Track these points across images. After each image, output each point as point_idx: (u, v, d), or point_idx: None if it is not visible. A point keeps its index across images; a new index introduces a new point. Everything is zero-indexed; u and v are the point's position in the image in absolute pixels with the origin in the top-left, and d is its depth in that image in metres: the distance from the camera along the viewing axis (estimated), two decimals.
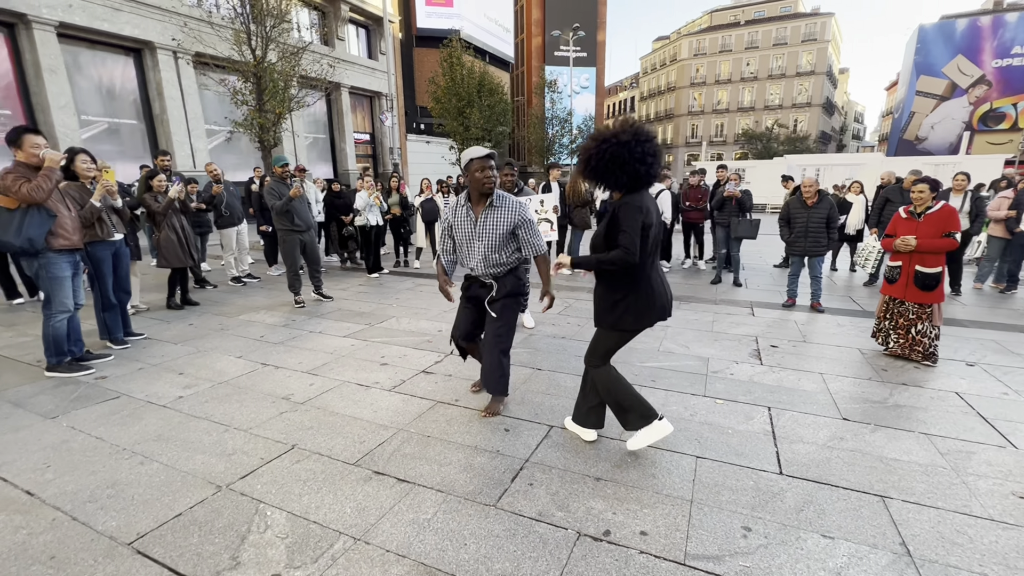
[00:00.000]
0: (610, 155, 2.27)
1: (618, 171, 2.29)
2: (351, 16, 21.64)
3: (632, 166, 2.27)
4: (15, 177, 3.25)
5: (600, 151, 2.29)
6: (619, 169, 2.28)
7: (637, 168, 2.28)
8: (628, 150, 2.25)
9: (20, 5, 11.91)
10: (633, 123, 2.33)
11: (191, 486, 2.32)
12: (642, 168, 2.29)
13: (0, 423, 2.92)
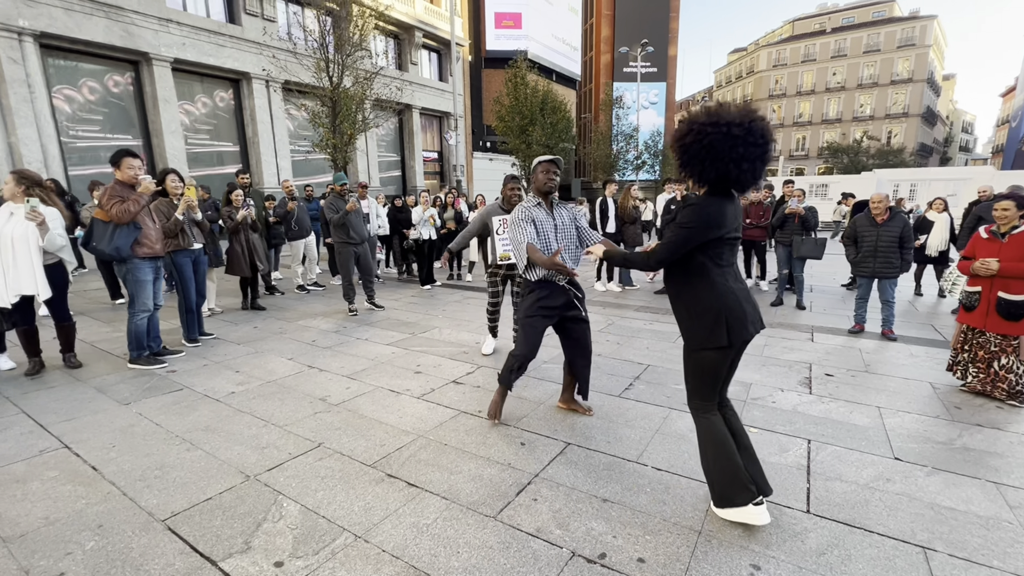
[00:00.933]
0: (709, 142, 1.90)
1: (707, 163, 1.93)
2: (424, 42, 22.86)
3: (725, 164, 1.91)
4: (110, 196, 3.77)
5: (702, 132, 1.92)
6: (710, 161, 1.92)
7: (729, 168, 1.91)
8: (731, 144, 1.88)
9: (144, 45, 13.74)
10: (755, 116, 1.92)
11: (224, 473, 2.53)
12: (734, 171, 1.91)
13: (83, 406, 3.35)
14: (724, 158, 1.90)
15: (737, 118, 1.89)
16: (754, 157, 1.91)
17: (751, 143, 1.89)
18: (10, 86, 11.73)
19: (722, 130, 1.89)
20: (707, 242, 2.02)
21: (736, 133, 1.87)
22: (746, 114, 1.92)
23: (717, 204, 2.00)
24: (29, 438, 2.88)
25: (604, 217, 7.60)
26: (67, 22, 12.42)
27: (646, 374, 4.04)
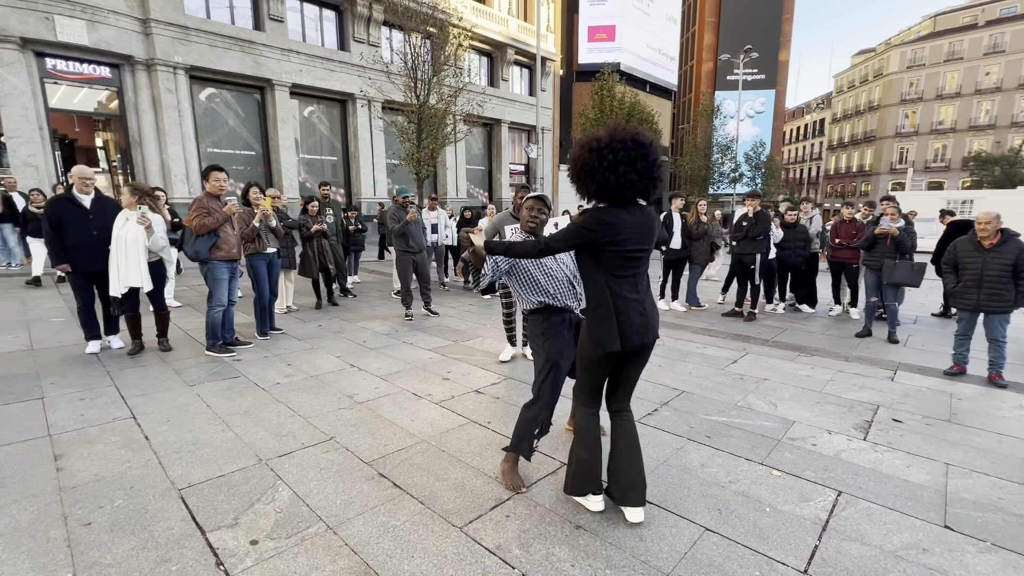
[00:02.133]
0: (582, 163, 2.08)
1: (588, 180, 2.09)
2: (516, 58, 23.53)
3: (602, 175, 2.03)
4: (196, 208, 4.40)
5: (575, 158, 2.14)
6: (589, 178, 2.08)
7: (606, 177, 2.03)
8: (598, 157, 2.03)
9: (269, 73, 15.70)
10: (617, 128, 2.07)
11: (242, 454, 2.82)
12: (612, 177, 2.02)
13: (159, 384, 3.91)
14: (597, 169, 2.05)
15: (599, 135, 2.09)
16: (623, 161, 2.01)
17: (616, 148, 2.02)
18: (165, 112, 13.99)
19: (587, 147, 2.08)
20: (603, 252, 2.12)
21: (596, 146, 2.05)
22: (610, 130, 2.09)
23: (613, 212, 2.11)
24: (110, 407, 3.43)
25: (668, 233, 7.27)
26: (210, 56, 14.56)
27: (677, 400, 3.81)
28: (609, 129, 2.09)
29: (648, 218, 2.19)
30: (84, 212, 4.39)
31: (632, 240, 2.11)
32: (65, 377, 3.99)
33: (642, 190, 2.09)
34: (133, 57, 13.49)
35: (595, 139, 2.07)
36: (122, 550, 2.02)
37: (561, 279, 2.67)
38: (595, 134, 2.10)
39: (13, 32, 11.86)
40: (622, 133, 2.05)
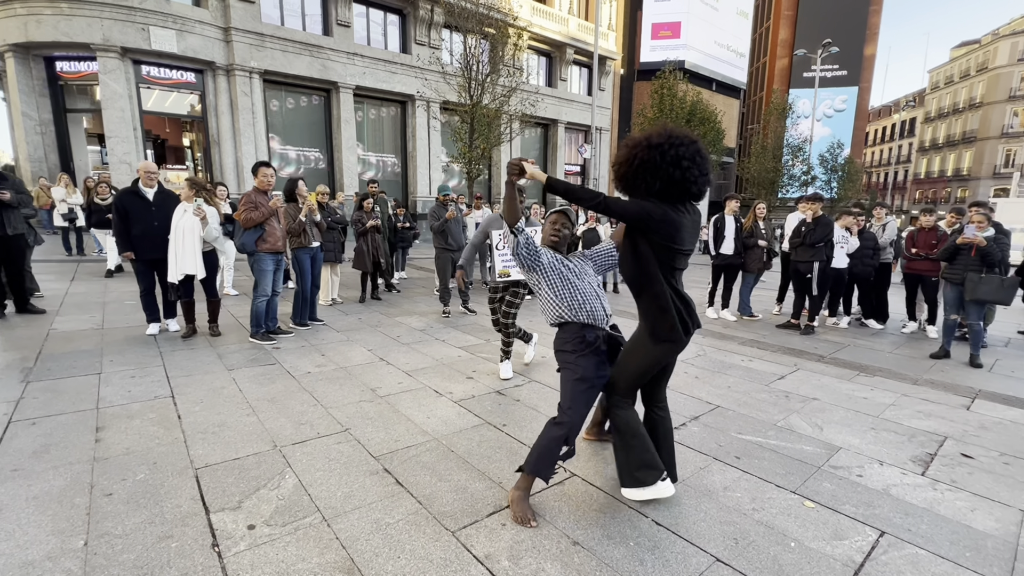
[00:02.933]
0: (639, 160, 2.11)
1: (650, 177, 2.10)
2: (575, 58, 23.27)
3: (665, 171, 2.08)
4: (245, 203, 4.64)
5: (631, 156, 2.13)
6: (651, 175, 2.10)
7: (671, 172, 2.08)
8: (660, 153, 2.07)
9: (334, 76, 16.44)
10: (669, 128, 2.15)
11: (259, 439, 2.92)
12: (676, 172, 2.08)
13: (202, 367, 4.14)
14: (660, 165, 2.08)
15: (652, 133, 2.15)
16: (685, 155, 2.08)
17: (676, 144, 2.08)
18: (240, 113, 15.00)
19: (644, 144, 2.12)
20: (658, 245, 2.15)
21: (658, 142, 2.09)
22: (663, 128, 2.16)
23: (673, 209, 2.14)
24: (154, 386, 3.68)
25: (719, 237, 6.86)
26: (283, 61, 15.44)
27: (709, 416, 3.55)
28: (661, 128, 2.15)
29: (698, 217, 2.29)
30: (147, 204, 4.75)
31: (688, 240, 2.19)
32: (123, 355, 4.33)
33: (701, 187, 2.15)
34: (215, 63, 14.57)
35: (652, 136, 2.11)
36: (132, 523, 2.13)
37: (591, 294, 2.50)
38: (645, 134, 2.15)
39: (115, 43, 13.14)
40: (678, 131, 2.13)
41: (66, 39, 12.92)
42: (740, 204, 7.23)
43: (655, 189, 2.11)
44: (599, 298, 2.53)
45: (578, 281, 2.50)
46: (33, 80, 13.73)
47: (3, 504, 2.22)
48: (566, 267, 2.53)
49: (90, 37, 12.92)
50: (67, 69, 13.98)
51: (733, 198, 7.07)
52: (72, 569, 1.85)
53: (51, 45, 13.23)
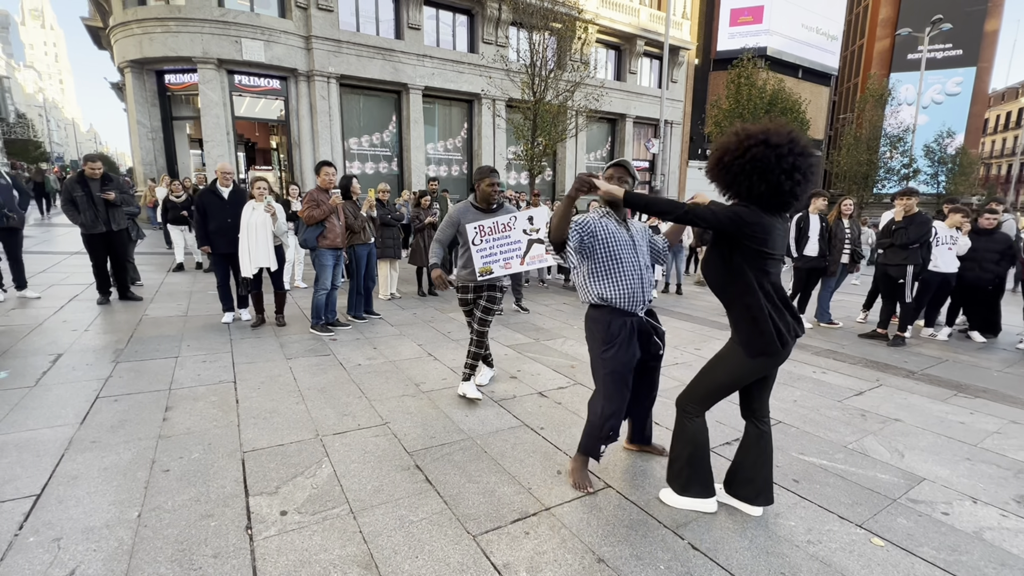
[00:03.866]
0: (752, 156, 1.92)
1: (756, 178, 1.94)
2: (646, 49, 22.49)
3: (776, 177, 1.91)
4: (307, 201, 4.88)
5: (742, 148, 1.94)
6: (759, 176, 1.93)
7: (781, 181, 1.92)
8: (777, 156, 1.90)
9: (405, 78, 17.02)
10: (791, 131, 1.96)
11: (304, 428, 3.04)
12: (787, 183, 1.93)
13: (264, 355, 4.41)
14: (773, 169, 1.92)
15: (773, 130, 1.95)
16: (802, 167, 1.94)
17: (796, 152, 1.91)
18: (319, 116, 15.93)
19: (762, 140, 1.92)
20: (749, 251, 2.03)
21: (777, 142, 1.91)
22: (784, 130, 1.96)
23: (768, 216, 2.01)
24: (221, 371, 3.96)
25: (802, 237, 6.27)
26: (357, 65, 16.21)
27: None
28: (781, 128, 1.96)
29: (786, 224, 2.24)
30: (223, 202, 5.13)
31: (779, 245, 2.08)
32: (199, 341, 4.71)
33: (797, 198, 2.02)
34: (297, 70, 15.58)
35: (772, 134, 1.92)
36: (181, 499, 2.28)
37: (634, 274, 2.42)
38: (762, 127, 1.97)
39: (212, 55, 14.42)
40: (799, 136, 1.95)
41: (173, 54, 14.36)
42: (828, 201, 6.56)
43: (757, 192, 1.96)
44: (642, 279, 2.45)
45: (625, 254, 2.42)
46: (146, 92, 15.41)
47: (80, 473, 2.47)
48: (618, 240, 2.42)
49: (192, 51, 14.27)
50: (173, 81, 15.56)
51: (819, 195, 6.41)
52: (124, 538, 2.01)
53: (160, 60, 14.76)
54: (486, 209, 3.45)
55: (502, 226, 3.35)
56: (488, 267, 3.37)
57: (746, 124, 2.03)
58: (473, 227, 3.33)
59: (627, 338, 2.40)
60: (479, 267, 3.35)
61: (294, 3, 15.27)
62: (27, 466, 2.51)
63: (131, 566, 1.87)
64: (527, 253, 3.38)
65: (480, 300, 3.51)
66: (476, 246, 3.36)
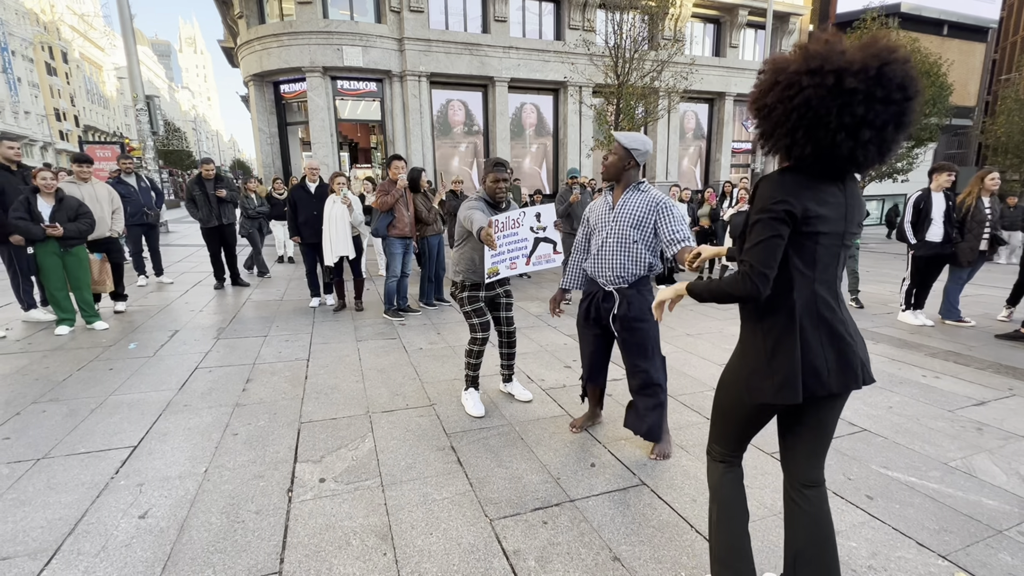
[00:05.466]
0: (803, 100, 1.23)
1: (802, 135, 1.27)
2: (749, 19, 20.61)
3: (831, 134, 1.23)
4: (379, 190, 5.16)
5: (794, 86, 1.24)
6: (804, 133, 1.26)
7: (837, 141, 1.24)
8: (837, 95, 1.20)
9: (491, 71, 17.28)
10: (888, 57, 1.19)
11: (358, 404, 3.24)
12: (846, 144, 1.24)
13: (339, 336, 4.77)
14: (828, 124, 1.23)
15: (855, 62, 1.19)
16: (878, 121, 1.22)
17: (879, 99, 1.20)
18: (410, 114, 16.76)
19: (827, 81, 1.20)
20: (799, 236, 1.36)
21: (852, 86, 1.19)
22: (873, 55, 1.19)
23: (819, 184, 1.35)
24: (298, 350, 4.36)
25: (923, 219, 5.38)
26: (446, 62, 16.76)
27: (846, 440, 2.85)
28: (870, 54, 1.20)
29: (857, 194, 1.43)
30: (310, 196, 5.61)
31: (839, 225, 1.37)
32: (287, 323, 5.22)
33: (864, 164, 1.32)
34: (391, 71, 16.49)
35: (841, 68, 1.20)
36: (241, 460, 2.56)
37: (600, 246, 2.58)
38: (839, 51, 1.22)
39: (318, 63, 15.75)
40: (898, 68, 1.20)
41: (286, 65, 15.91)
42: (955, 177, 5.57)
43: (800, 154, 1.30)
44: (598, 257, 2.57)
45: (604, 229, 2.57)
46: (265, 101, 17.27)
47: (169, 431, 2.86)
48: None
49: (301, 61, 15.71)
50: (287, 90, 17.26)
51: (942, 169, 5.48)
52: (190, 489, 2.30)
53: (276, 72, 16.43)
54: (497, 206, 3.18)
55: (512, 222, 3.02)
56: (496, 267, 3.03)
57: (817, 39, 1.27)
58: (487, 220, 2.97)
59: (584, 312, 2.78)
60: (487, 267, 3.02)
61: (388, 7, 16.13)
62: (133, 422, 2.96)
63: (190, 513, 2.13)
64: (533, 252, 3.13)
65: (500, 298, 3.30)
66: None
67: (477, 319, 3.16)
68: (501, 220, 3.15)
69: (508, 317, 3.31)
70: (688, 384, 3.70)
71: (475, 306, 3.18)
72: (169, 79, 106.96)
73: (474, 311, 3.17)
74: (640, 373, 2.57)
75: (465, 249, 3.18)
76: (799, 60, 1.26)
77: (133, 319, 5.26)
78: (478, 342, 3.18)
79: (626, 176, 2.52)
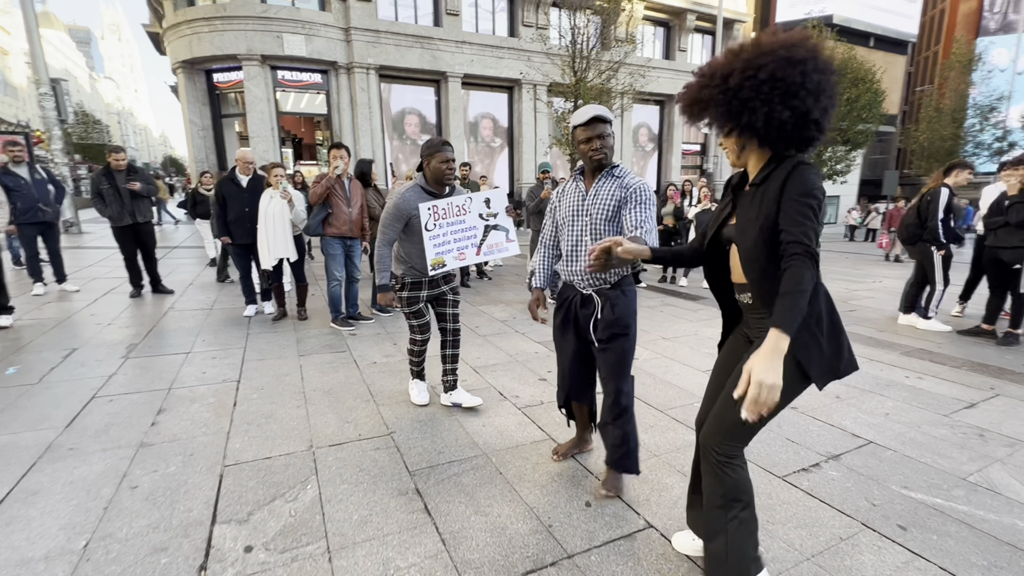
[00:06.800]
0: (770, 74, 1.29)
1: (778, 102, 1.30)
2: (696, 24, 21.11)
3: (803, 100, 1.30)
4: (315, 182, 4.56)
5: (756, 64, 1.31)
6: (780, 100, 1.30)
7: (809, 105, 1.31)
8: (803, 73, 1.29)
9: (443, 66, 16.69)
10: (814, 43, 1.35)
11: (299, 438, 2.68)
12: (816, 109, 1.33)
13: (277, 351, 4.13)
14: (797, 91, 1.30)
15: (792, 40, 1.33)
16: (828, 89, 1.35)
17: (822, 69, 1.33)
18: (359, 108, 15.89)
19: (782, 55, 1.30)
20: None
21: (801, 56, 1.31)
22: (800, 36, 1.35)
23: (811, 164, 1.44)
24: (227, 369, 3.70)
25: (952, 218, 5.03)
26: (396, 55, 16.03)
27: (856, 455, 2.60)
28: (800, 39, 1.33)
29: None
30: (241, 190, 4.91)
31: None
32: (215, 336, 4.51)
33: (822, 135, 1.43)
34: (337, 62, 15.56)
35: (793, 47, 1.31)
36: (139, 525, 1.96)
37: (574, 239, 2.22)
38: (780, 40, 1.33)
39: (256, 51, 14.62)
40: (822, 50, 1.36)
41: (219, 52, 14.66)
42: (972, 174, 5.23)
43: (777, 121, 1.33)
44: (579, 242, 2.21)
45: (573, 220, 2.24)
46: (196, 91, 15.87)
47: (42, 487, 2.20)
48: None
49: (237, 48, 14.52)
50: (221, 79, 15.94)
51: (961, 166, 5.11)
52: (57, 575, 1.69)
53: (208, 59, 15.12)
54: (439, 194, 2.88)
55: (457, 208, 2.78)
56: (441, 258, 2.79)
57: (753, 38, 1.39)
58: (427, 208, 2.73)
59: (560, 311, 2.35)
60: (431, 258, 2.77)
61: None
62: None
63: None
64: (484, 241, 2.88)
65: (447, 295, 3.07)
66: (429, 232, 2.74)
67: (416, 320, 3.03)
68: (443, 206, 2.78)
69: (454, 314, 3.11)
70: (675, 396, 3.37)
71: (413, 308, 2.99)
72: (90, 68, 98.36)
73: (412, 313, 3.00)
74: (613, 394, 2.17)
75: (403, 242, 2.88)
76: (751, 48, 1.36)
77: (20, 336, 4.38)
78: (417, 343, 3.09)
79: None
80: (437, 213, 2.75)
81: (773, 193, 1.36)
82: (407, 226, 2.81)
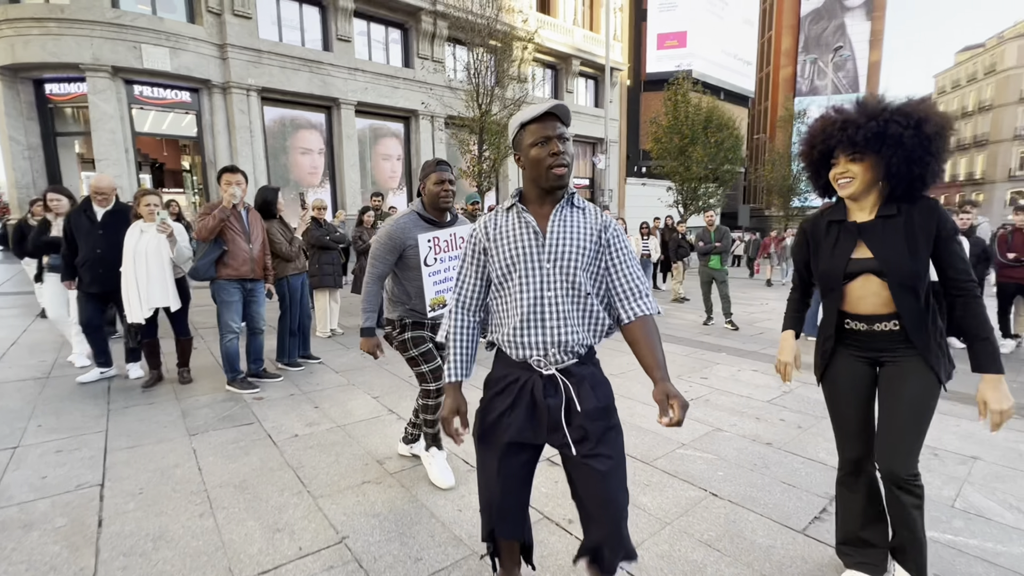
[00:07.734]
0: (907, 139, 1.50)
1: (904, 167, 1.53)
2: (581, 69, 22.71)
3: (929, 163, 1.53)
4: (202, 212, 3.70)
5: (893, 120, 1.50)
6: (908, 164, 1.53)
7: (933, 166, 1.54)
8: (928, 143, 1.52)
9: (335, 92, 15.80)
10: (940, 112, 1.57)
11: (209, 568, 1.92)
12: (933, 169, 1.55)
13: (156, 432, 3.16)
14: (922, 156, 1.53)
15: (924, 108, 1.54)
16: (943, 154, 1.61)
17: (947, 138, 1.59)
18: (238, 132, 14.32)
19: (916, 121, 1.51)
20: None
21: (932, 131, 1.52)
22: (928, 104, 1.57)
23: None
24: (82, 467, 2.70)
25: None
26: (281, 77, 14.82)
27: None
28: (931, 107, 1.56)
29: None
30: (94, 225, 3.84)
31: None
32: (58, 417, 3.36)
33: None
34: (210, 81, 13.93)
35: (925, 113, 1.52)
36: None
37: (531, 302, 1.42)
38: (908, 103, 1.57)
39: (105, 62, 12.53)
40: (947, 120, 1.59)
41: (54, 59, 12.33)
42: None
43: (928, 174, 1.56)
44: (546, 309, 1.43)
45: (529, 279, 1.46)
46: (20, 103, 13.10)
47: None
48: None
49: (79, 57, 12.32)
50: (56, 91, 13.36)
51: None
52: None
53: (39, 66, 12.63)
54: (439, 221, 2.44)
55: (461, 239, 2.45)
56: (442, 297, 2.42)
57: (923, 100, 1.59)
58: (427, 240, 2.35)
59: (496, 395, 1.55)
60: (431, 297, 2.38)
61: (205, 8, 13.71)
62: None
63: None
64: None
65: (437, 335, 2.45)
66: (429, 267, 2.36)
67: (427, 365, 2.46)
68: (444, 238, 2.37)
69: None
70: (653, 443, 3.13)
71: (422, 348, 2.46)
72: None
73: (422, 355, 2.46)
74: (612, 523, 1.44)
75: (397, 280, 2.44)
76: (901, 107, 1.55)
77: None
78: (432, 394, 2.48)
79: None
80: (439, 246, 2.37)
81: (926, 228, 1.50)
82: (401, 259, 2.36)
